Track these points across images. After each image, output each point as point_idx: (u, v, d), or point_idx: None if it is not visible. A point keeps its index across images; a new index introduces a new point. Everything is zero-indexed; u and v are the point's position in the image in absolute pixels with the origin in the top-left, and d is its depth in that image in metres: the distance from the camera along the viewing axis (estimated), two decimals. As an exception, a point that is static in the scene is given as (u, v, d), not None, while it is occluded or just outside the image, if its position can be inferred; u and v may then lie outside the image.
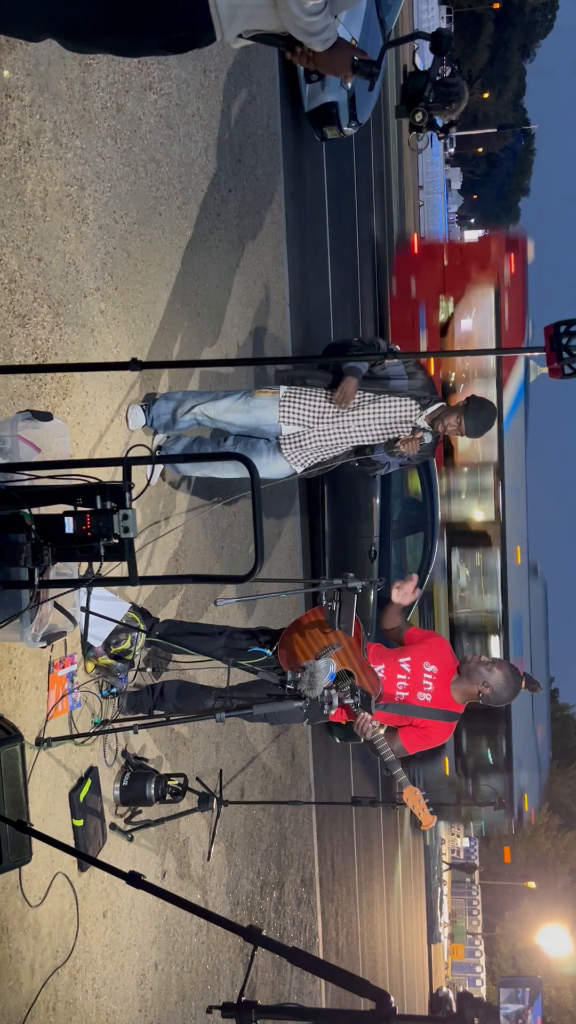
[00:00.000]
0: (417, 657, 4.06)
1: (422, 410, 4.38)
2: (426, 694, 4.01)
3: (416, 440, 4.37)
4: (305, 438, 4.46)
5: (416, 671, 4.03)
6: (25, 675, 3.22)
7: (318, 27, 2.55)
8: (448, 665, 4.07)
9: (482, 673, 3.99)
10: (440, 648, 4.14)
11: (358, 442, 4.46)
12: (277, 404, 4.45)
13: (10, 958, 3.01)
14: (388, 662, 4.05)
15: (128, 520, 2.50)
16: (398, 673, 4.03)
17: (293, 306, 8.02)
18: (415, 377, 4.42)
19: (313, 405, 4.43)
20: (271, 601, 6.63)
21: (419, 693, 4.01)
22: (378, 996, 1.58)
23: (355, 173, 13.29)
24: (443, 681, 4.03)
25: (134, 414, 4.27)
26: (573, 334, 2.51)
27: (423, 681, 4.02)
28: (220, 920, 1.88)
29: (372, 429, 4.42)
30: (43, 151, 3.46)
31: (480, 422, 4.34)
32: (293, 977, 6.99)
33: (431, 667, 4.04)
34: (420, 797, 3.83)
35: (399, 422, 4.40)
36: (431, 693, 4.01)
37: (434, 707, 4.01)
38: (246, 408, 4.46)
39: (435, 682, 4.02)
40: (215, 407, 4.44)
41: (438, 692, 4.01)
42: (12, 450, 2.82)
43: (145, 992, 4.09)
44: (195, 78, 5.42)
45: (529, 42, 72.18)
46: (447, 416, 4.35)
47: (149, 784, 3.95)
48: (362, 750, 11.18)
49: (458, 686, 4.04)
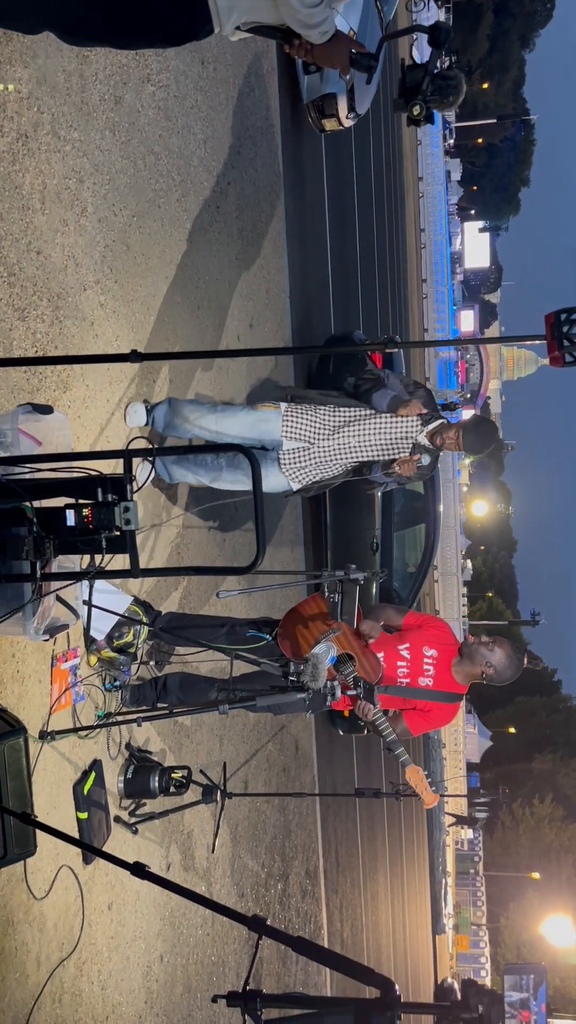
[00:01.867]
0: (416, 643, 4.07)
1: (423, 426, 4.37)
2: (427, 679, 4.02)
3: (412, 463, 4.34)
4: (306, 454, 4.44)
5: (416, 657, 4.04)
6: (28, 668, 3.22)
7: (316, 19, 2.55)
8: (448, 647, 4.07)
9: (484, 654, 4.00)
10: (439, 631, 4.15)
11: (358, 459, 4.44)
12: (280, 418, 4.44)
13: (16, 950, 3.02)
14: (387, 649, 4.05)
15: (129, 512, 2.50)
16: (398, 660, 4.04)
17: (293, 298, 8.01)
18: (416, 394, 4.42)
19: (315, 420, 4.42)
20: (274, 594, 6.64)
21: (420, 678, 4.02)
22: (383, 984, 1.59)
23: (355, 165, 13.26)
24: (444, 664, 4.04)
25: (134, 411, 4.25)
26: (574, 322, 2.50)
27: (424, 666, 4.02)
28: (224, 909, 1.88)
29: (372, 446, 4.40)
30: (41, 144, 3.46)
31: (480, 437, 4.33)
32: (298, 969, 7.01)
33: (431, 651, 4.04)
34: (423, 776, 3.85)
35: (399, 438, 4.39)
36: (432, 677, 4.02)
37: (436, 689, 4.02)
38: (250, 421, 4.44)
39: (436, 666, 4.03)
40: (216, 420, 4.42)
41: (439, 675, 4.02)
42: (13, 443, 2.82)
43: (151, 984, 4.10)
44: (193, 70, 5.40)
45: (528, 31, 71.84)
46: (446, 431, 4.34)
47: (153, 777, 3.95)
48: (365, 741, 11.20)
49: (460, 668, 4.05)
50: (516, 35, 68.99)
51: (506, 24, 66.43)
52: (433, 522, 9.01)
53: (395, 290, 20.43)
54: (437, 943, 29.07)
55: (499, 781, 54.08)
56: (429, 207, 36.15)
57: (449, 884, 39.28)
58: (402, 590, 8.98)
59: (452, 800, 37.78)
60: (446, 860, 38.07)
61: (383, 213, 17.90)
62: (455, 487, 45.01)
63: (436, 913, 29.19)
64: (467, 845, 50.87)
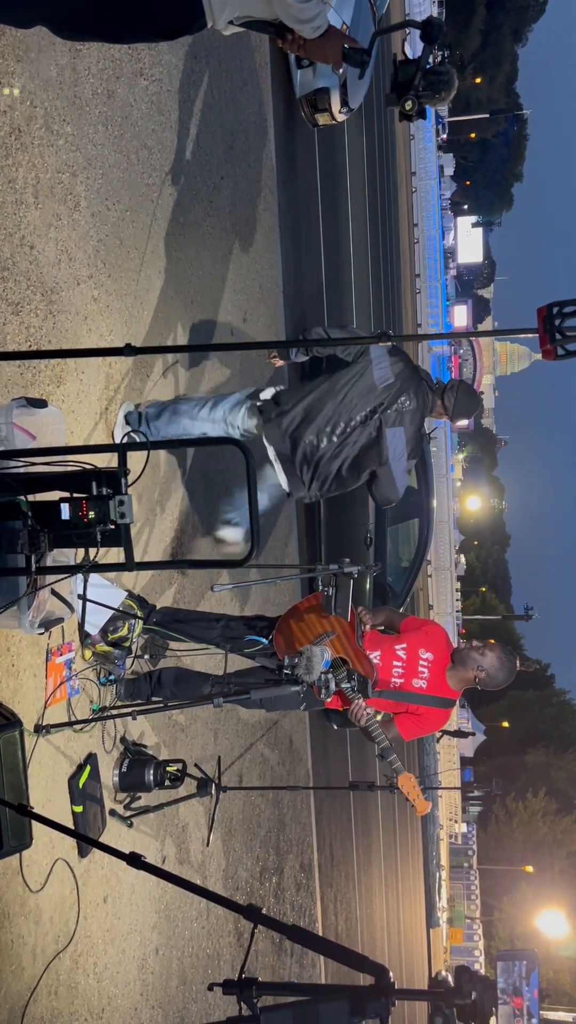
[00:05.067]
0: (413, 644, 4.09)
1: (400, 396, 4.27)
2: (421, 680, 4.04)
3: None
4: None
5: (412, 657, 4.06)
6: (23, 662, 3.23)
7: (309, 14, 2.56)
8: (443, 652, 4.10)
9: (475, 658, 4.02)
10: (436, 636, 4.17)
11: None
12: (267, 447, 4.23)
13: (12, 943, 3.03)
14: (384, 648, 4.08)
15: (124, 506, 2.51)
16: (394, 659, 4.06)
17: (287, 293, 8.01)
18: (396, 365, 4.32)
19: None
20: (268, 588, 6.65)
21: (414, 680, 4.03)
22: (377, 971, 1.60)
23: (348, 160, 13.24)
24: (438, 668, 4.06)
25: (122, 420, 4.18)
26: (566, 315, 2.51)
27: (419, 667, 4.04)
28: (219, 899, 1.89)
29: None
30: (34, 138, 3.45)
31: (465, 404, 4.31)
32: (293, 961, 7.04)
33: (427, 654, 4.07)
34: (415, 784, 3.86)
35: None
36: (426, 680, 4.04)
37: (430, 693, 4.04)
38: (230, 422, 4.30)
39: (431, 669, 4.05)
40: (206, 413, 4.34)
41: (433, 679, 4.04)
42: (7, 437, 2.82)
43: (146, 976, 4.12)
44: (186, 64, 5.40)
45: (521, 26, 71.80)
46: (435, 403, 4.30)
47: (148, 770, 3.96)
48: (359, 735, 11.23)
49: (453, 673, 4.07)
50: (509, 30, 68.94)
51: (499, 19, 66.39)
52: (427, 517, 9.03)
53: (389, 285, 20.41)
54: (431, 936, 29.16)
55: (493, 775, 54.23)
56: (422, 202, 36.15)
57: (443, 878, 39.40)
58: (396, 585, 9.00)
59: (445, 793, 37.86)
60: (440, 854, 38.17)
61: (376, 208, 17.89)
62: (449, 482, 45.10)
63: (430, 907, 29.27)
64: (461, 839, 51.00)
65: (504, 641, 11.94)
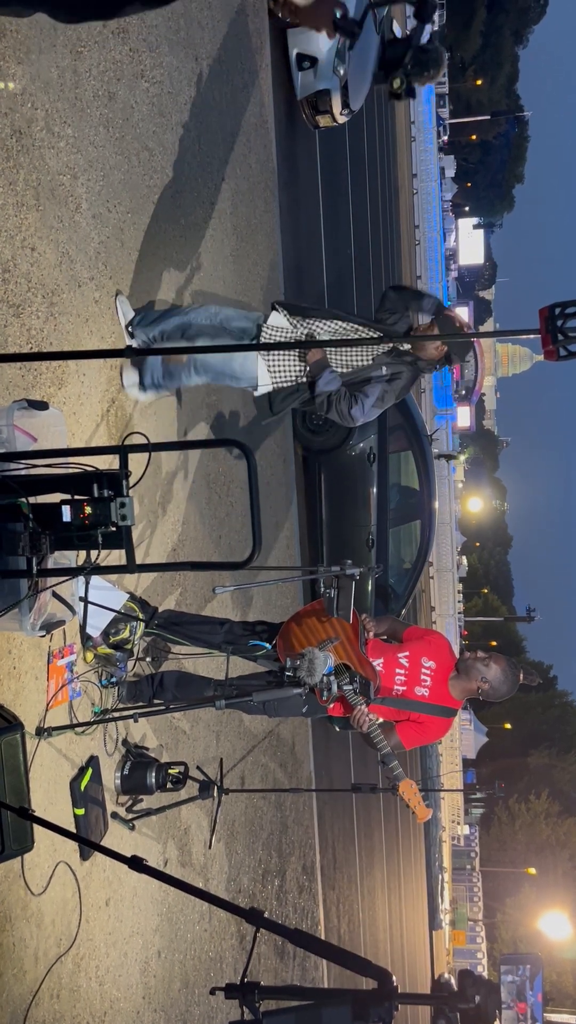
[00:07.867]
0: (416, 652, 4.09)
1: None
2: (424, 688, 4.03)
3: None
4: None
5: (414, 665, 4.06)
6: (25, 665, 3.22)
7: None
8: (446, 662, 4.10)
9: (479, 669, 4.01)
10: (439, 645, 4.17)
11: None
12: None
13: (14, 946, 3.03)
14: (387, 656, 4.07)
15: (125, 508, 2.50)
16: (396, 667, 4.05)
17: (288, 294, 8.00)
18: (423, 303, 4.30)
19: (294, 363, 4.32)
20: (269, 591, 6.64)
21: (417, 688, 4.03)
22: (380, 975, 1.59)
23: (349, 161, 13.24)
24: (441, 677, 4.06)
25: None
26: (568, 316, 2.51)
27: (421, 676, 4.04)
28: (222, 902, 1.88)
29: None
30: (35, 140, 3.45)
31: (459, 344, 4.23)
32: (295, 964, 7.03)
33: (429, 663, 4.06)
34: (416, 791, 3.85)
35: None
36: (428, 688, 4.03)
37: (431, 702, 4.04)
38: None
39: (433, 677, 4.04)
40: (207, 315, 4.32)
41: (435, 687, 4.04)
42: (8, 439, 2.82)
43: (148, 979, 4.11)
44: (187, 66, 5.40)
45: (522, 28, 71.79)
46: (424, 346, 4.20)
47: (150, 773, 3.96)
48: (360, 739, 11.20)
49: (456, 683, 4.06)
50: (509, 31, 68.95)
51: (499, 20, 66.38)
52: (428, 519, 9.03)
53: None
54: (434, 939, 29.11)
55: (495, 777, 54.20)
56: (423, 203, 36.13)
57: (446, 880, 39.36)
58: (397, 586, 9.00)
59: (447, 796, 37.83)
60: (442, 856, 38.14)
61: (377, 210, 17.89)
62: (450, 484, 45.08)
63: (433, 909, 29.24)
64: (463, 841, 50.97)
65: (506, 643, 11.87)
